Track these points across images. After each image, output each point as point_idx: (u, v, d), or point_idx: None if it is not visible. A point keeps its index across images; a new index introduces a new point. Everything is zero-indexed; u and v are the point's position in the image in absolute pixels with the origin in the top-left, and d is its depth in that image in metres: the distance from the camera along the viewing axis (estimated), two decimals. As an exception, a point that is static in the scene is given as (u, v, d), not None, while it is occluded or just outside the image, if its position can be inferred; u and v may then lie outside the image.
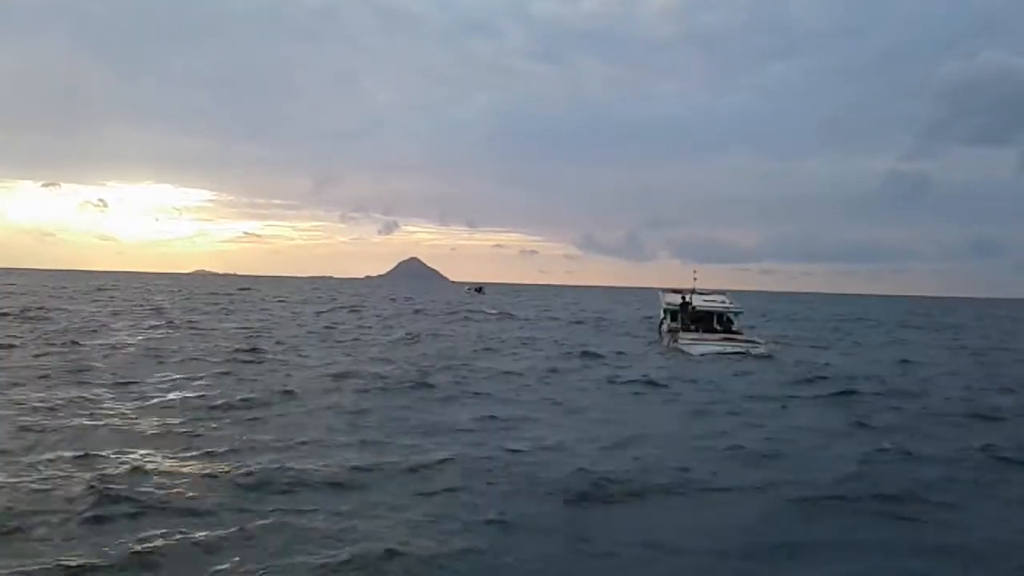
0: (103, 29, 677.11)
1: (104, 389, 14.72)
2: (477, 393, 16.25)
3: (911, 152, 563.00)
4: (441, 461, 9.85)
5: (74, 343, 23.15)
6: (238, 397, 14.20)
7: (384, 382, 17.07)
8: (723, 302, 33.43)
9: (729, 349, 26.59)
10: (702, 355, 26.08)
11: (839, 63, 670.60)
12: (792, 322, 57.24)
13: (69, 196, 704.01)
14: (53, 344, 22.63)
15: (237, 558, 6.33)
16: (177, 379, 16.45)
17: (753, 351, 26.64)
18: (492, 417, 13.40)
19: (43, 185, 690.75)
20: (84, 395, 13.91)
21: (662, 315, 35.49)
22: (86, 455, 9.47)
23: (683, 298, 33.17)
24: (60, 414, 12.09)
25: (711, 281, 42.15)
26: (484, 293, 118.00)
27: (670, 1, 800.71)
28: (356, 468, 9.32)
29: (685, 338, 28.88)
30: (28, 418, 11.68)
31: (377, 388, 16.26)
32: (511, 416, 13.61)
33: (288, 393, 14.89)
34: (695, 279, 36.07)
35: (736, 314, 33.00)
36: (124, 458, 9.42)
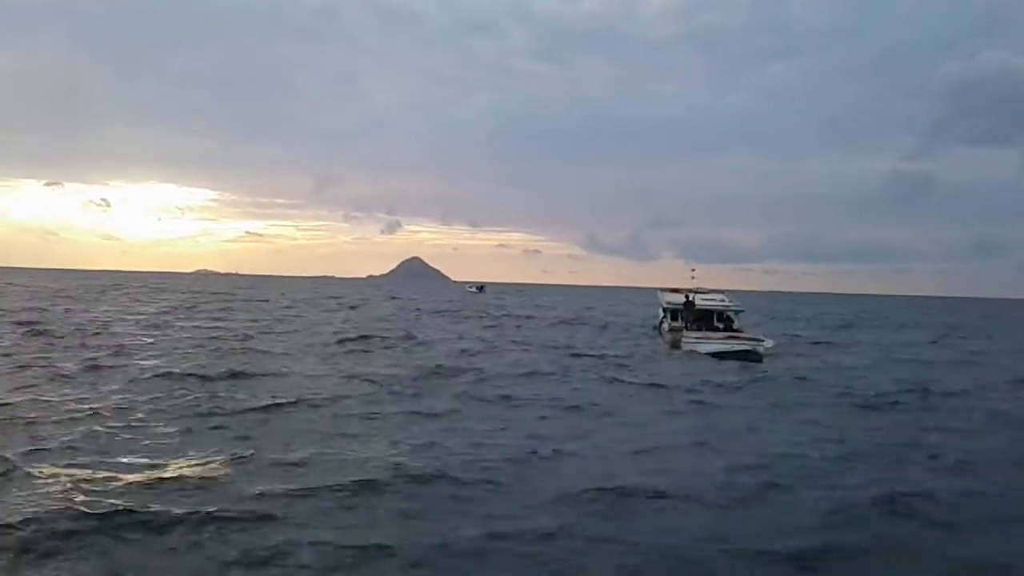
0: (104, 29, 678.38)
1: (111, 390, 14.83)
2: (488, 396, 16.14)
3: (912, 152, 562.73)
4: (458, 466, 9.84)
5: (82, 345, 23.28)
6: (249, 401, 14.21)
7: (394, 385, 17.01)
8: (722, 300, 33.55)
9: (737, 347, 26.46)
10: (708, 354, 26.17)
11: (839, 63, 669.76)
12: (794, 321, 57.25)
13: (72, 195, 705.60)
14: (58, 345, 22.77)
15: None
16: (184, 384, 16.54)
17: (759, 348, 26.49)
18: (504, 421, 13.39)
19: (46, 184, 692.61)
20: (92, 395, 14.06)
21: (661, 314, 35.68)
22: (95, 463, 9.52)
23: (686, 297, 33.22)
24: (67, 416, 12.17)
25: (714, 281, 42.37)
26: (485, 292, 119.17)
27: (670, 1, 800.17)
28: (367, 474, 9.24)
29: (690, 337, 28.85)
30: (36, 422, 11.76)
31: (388, 392, 16.26)
32: (522, 420, 13.59)
33: (302, 398, 14.71)
34: (693, 277, 36.27)
35: (736, 312, 33.10)
36: (129, 467, 9.50)
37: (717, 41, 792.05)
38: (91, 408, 12.83)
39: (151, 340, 25.64)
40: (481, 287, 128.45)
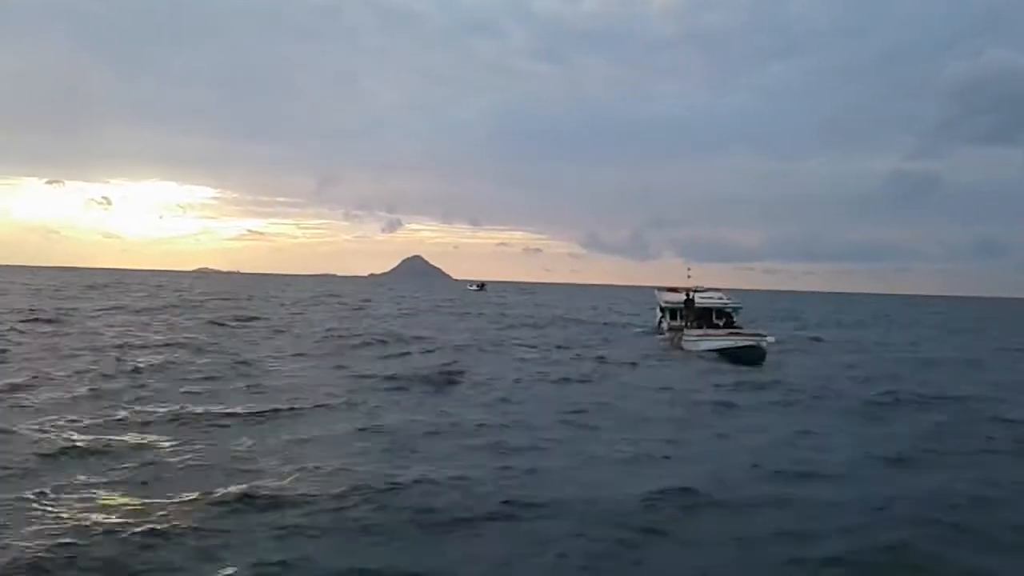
0: (104, 28, 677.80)
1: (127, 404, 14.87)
2: (495, 398, 16.02)
3: (914, 152, 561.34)
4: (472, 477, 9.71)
5: (92, 347, 23.29)
6: (258, 405, 14.11)
7: (401, 387, 16.93)
8: (720, 299, 33.55)
9: (740, 343, 26.13)
10: (711, 351, 26.18)
11: (840, 63, 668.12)
12: (795, 320, 57.26)
13: (73, 193, 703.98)
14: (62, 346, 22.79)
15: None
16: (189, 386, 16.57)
17: (762, 344, 25.95)
18: (518, 424, 13.21)
19: (47, 182, 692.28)
20: (102, 396, 14.04)
21: (660, 314, 35.77)
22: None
23: (687, 294, 33.27)
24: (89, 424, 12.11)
25: (714, 280, 42.44)
26: (486, 290, 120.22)
27: (670, 1, 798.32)
28: (394, 486, 8.88)
29: (691, 335, 28.72)
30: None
31: (394, 395, 16.22)
32: (533, 423, 13.35)
33: (317, 403, 14.46)
34: (689, 276, 36.36)
35: (735, 309, 33.09)
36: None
37: (717, 41, 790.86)
38: (109, 410, 12.81)
39: (158, 338, 25.60)
40: (482, 285, 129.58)
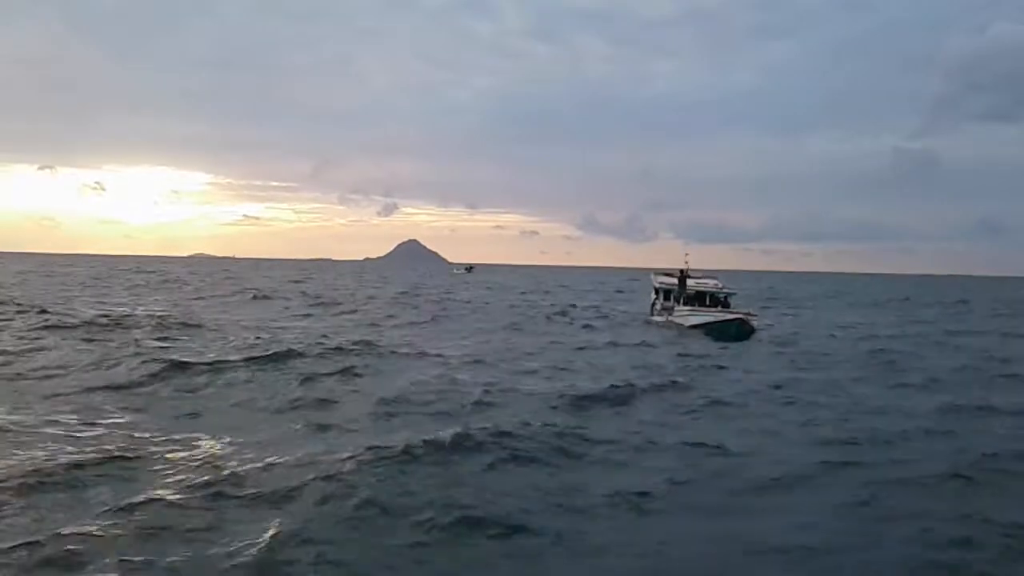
0: (98, 11, 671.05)
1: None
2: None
3: (916, 130, 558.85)
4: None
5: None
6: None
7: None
8: (715, 284, 34.19)
9: (727, 316, 28.28)
10: (697, 325, 28.15)
11: (840, 40, 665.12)
12: (789, 304, 57.78)
13: (66, 179, 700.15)
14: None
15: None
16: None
17: (752, 321, 28.06)
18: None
19: (39, 168, 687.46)
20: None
21: (654, 296, 36.50)
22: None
23: (680, 272, 34.34)
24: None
25: (711, 261, 43.01)
26: (472, 272, 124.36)
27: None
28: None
29: (682, 311, 31.16)
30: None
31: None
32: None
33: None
34: (687, 260, 36.92)
35: (729, 295, 33.82)
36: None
37: (717, 19, 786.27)
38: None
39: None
40: (470, 267, 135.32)
